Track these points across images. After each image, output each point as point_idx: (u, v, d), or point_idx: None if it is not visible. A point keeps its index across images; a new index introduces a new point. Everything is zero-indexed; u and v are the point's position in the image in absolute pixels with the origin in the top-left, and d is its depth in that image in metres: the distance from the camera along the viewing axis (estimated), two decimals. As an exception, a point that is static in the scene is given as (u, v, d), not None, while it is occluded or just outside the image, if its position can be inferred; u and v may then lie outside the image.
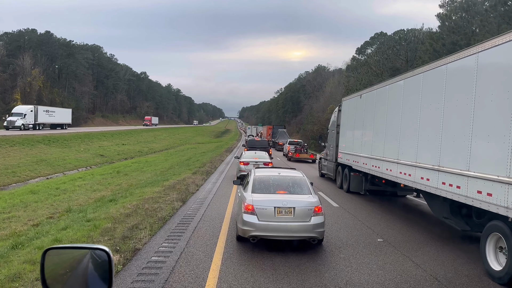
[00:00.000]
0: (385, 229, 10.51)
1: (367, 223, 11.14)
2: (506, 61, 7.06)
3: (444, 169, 8.89)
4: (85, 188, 21.04)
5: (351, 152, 17.04)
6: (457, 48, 29.92)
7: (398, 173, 11.66)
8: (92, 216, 11.32)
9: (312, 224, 7.81)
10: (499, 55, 7.30)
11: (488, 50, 7.63)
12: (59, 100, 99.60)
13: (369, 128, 15.08)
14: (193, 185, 16.67)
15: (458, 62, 8.78)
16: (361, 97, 16.58)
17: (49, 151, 40.87)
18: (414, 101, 10.98)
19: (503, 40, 7.14)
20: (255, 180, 8.89)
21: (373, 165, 14.06)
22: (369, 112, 15.33)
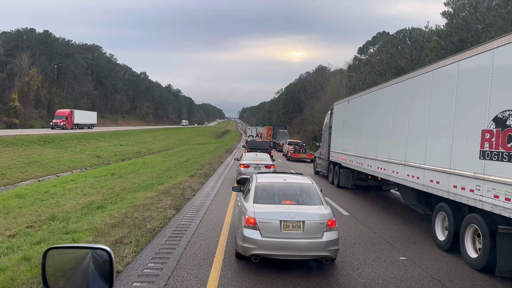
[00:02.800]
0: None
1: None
2: (447, 76, 9.18)
3: (408, 163, 10.94)
4: (75, 192, 19.81)
5: (340, 151, 18.94)
6: (466, 46, 28.70)
7: (376, 168, 13.77)
8: (73, 226, 10.09)
9: (324, 241, 6.57)
10: (444, 73, 9.40)
11: (432, 72, 10.07)
12: (58, 100, 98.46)
13: (355, 130, 17.04)
14: (189, 190, 15.42)
15: (418, 77, 10.88)
16: (348, 102, 18.56)
17: (44, 152, 39.65)
18: (388, 108, 13.12)
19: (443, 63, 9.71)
20: (257, 187, 7.64)
21: (358, 162, 16.08)
22: (355, 115, 17.28)
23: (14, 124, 73.93)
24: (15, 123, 74.43)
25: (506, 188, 6.73)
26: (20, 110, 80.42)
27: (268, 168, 18.20)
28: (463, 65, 8.58)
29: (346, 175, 18.25)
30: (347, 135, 18.25)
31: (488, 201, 7.20)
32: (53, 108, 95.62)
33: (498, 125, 7.10)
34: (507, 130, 6.84)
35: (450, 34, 33.09)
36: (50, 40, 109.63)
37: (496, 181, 6.99)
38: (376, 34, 70.34)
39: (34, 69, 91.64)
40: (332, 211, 7.17)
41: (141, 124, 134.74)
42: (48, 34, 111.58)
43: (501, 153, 6.96)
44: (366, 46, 72.07)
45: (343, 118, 19.25)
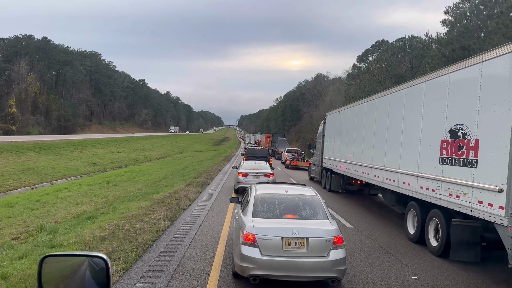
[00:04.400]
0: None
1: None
2: (417, 93, 10.62)
3: (387, 168, 12.36)
4: (68, 200, 19.15)
5: (332, 158, 20.32)
6: (468, 53, 28.29)
7: (362, 173, 15.17)
8: (60, 239, 9.46)
9: (331, 260, 5.97)
10: (414, 91, 10.87)
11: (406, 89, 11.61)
12: (55, 107, 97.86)
13: (344, 139, 18.45)
14: (185, 199, 14.79)
15: (396, 93, 12.27)
16: (339, 113, 19.95)
17: (39, 159, 38.97)
18: (371, 120, 14.69)
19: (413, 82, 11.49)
20: (256, 200, 7.04)
21: (347, 168, 17.36)
22: (344, 125, 18.71)
23: (11, 130, 73.30)
24: (12, 130, 73.79)
25: (457, 187, 8.23)
26: (18, 116, 79.85)
27: (267, 177, 17.59)
28: (428, 85, 10.00)
29: (337, 180, 19.58)
30: (337, 143, 19.74)
31: (445, 198, 8.68)
32: (50, 115, 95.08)
33: (452, 136, 8.57)
34: (458, 140, 8.34)
35: (452, 42, 32.70)
36: (49, 47, 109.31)
37: (450, 182, 8.47)
38: (375, 42, 70.25)
39: (32, 75, 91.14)
40: (339, 226, 6.57)
41: (140, 131, 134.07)
42: (47, 40, 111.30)
43: (454, 159, 8.45)
44: (365, 54, 71.84)
45: (334, 128, 20.71)
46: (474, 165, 7.74)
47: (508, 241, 6.70)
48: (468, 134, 7.98)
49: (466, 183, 7.89)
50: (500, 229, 6.95)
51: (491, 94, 7.42)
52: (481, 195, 7.45)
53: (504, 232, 6.79)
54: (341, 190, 19.47)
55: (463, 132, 8.16)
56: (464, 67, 8.41)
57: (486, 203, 7.29)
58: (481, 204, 7.43)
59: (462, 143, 8.15)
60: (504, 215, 6.77)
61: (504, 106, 6.93)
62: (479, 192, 7.52)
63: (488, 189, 7.24)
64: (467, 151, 7.97)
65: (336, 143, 20.02)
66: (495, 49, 7.51)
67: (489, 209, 7.21)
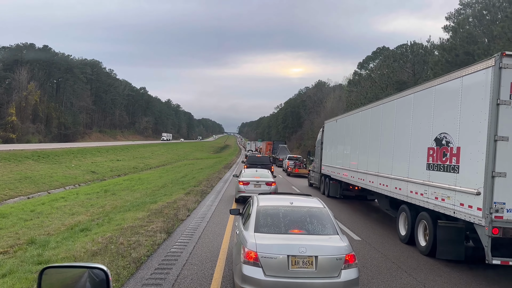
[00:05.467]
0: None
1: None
2: (406, 104, 11.38)
3: (380, 174, 13.04)
4: (63, 211, 18.56)
5: (330, 165, 20.98)
6: (472, 59, 27.81)
7: (358, 179, 15.80)
8: (49, 254, 8.87)
9: (343, 281, 5.36)
10: (403, 102, 11.65)
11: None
12: (56, 115, 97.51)
13: (341, 146, 19.14)
14: (183, 210, 14.18)
15: (388, 103, 13.05)
16: (336, 121, 20.63)
17: (37, 167, 38.41)
18: (365, 128, 15.39)
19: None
20: (258, 212, 6.44)
21: (344, 174, 17.98)
22: (341, 133, 19.37)
23: (11, 139, 72.85)
24: (12, 138, 73.34)
25: (442, 191, 8.91)
26: (18, 125, 79.47)
27: (269, 186, 17.00)
28: (417, 96, 10.70)
29: (335, 186, 20.27)
30: (335, 150, 20.47)
31: (431, 201, 9.33)
32: (51, 123, 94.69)
33: (437, 143, 9.26)
34: (442, 147, 9.04)
35: (455, 48, 32.22)
36: (50, 55, 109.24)
37: (436, 186, 9.13)
38: (376, 49, 69.97)
39: (32, 83, 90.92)
40: (351, 243, 5.97)
41: (140, 139, 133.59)
42: (47, 49, 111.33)
43: (439, 165, 9.13)
44: (366, 61, 71.56)
45: (332, 135, 21.45)
46: (456, 170, 8.43)
47: (485, 239, 7.39)
48: (451, 142, 8.69)
49: (450, 187, 8.58)
50: (478, 228, 7.62)
51: (470, 105, 8.13)
52: (463, 198, 8.12)
53: (482, 231, 7.47)
54: (339, 196, 20.08)
55: (446, 140, 8.88)
56: (447, 81, 9.14)
57: (467, 205, 7.95)
58: (463, 206, 8.10)
59: (446, 151, 8.87)
60: (482, 216, 7.43)
61: (481, 117, 7.64)
62: (461, 195, 8.20)
63: (468, 192, 7.91)
64: (450, 157, 8.68)
65: (333, 150, 20.82)
66: (473, 65, 8.22)
67: (469, 210, 7.87)
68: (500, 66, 7.37)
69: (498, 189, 7.32)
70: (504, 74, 7.37)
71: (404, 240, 10.76)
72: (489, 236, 7.29)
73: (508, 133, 7.33)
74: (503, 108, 7.33)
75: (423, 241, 9.80)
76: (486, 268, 8.61)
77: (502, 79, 7.37)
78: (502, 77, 7.37)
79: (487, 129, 7.43)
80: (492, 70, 7.49)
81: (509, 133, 7.33)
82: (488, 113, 7.43)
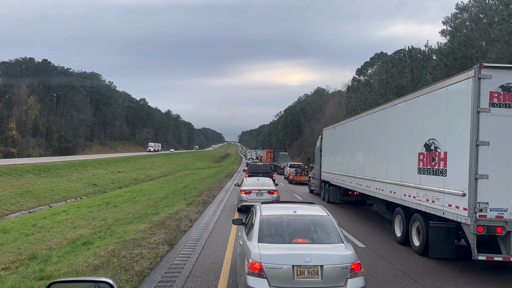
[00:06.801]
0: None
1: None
2: (398, 112, 11.99)
3: (376, 179, 13.53)
4: (65, 224, 18.48)
5: (329, 171, 21.49)
6: (470, 62, 27.88)
7: (356, 184, 16.30)
8: (51, 269, 8.78)
9: (349, 290, 5.28)
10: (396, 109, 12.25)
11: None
12: (56, 129, 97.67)
13: (340, 153, 19.68)
14: (186, 220, 14.09)
15: (381, 111, 13.57)
16: (334, 129, 21.30)
17: (38, 181, 38.37)
18: (361, 135, 15.93)
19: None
20: (262, 222, 6.38)
21: (343, 180, 18.44)
22: (339, 140, 19.99)
23: (11, 153, 72.87)
24: (12, 152, 73.37)
25: (432, 193, 9.45)
26: (18, 139, 79.59)
27: (271, 194, 16.91)
28: (407, 105, 11.30)
29: (334, 191, 20.71)
30: (333, 157, 21.02)
31: (423, 203, 9.85)
32: (51, 137, 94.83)
33: (427, 149, 9.82)
34: (431, 152, 9.58)
35: (453, 51, 32.30)
36: (49, 69, 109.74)
37: (427, 189, 9.67)
38: (374, 55, 70.22)
39: (32, 97, 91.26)
40: (356, 250, 5.89)
41: (141, 150, 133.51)
42: (47, 63, 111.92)
43: (428, 169, 9.69)
44: (365, 67, 71.76)
45: (330, 142, 21.99)
46: (444, 174, 8.97)
47: (471, 237, 7.90)
48: (439, 148, 9.24)
49: (439, 189, 9.11)
50: (465, 227, 8.16)
51: (454, 113, 8.70)
52: (450, 199, 8.63)
53: (468, 230, 7.99)
54: (339, 201, 20.48)
55: (435, 145, 9.43)
56: (434, 90, 9.70)
57: (454, 206, 8.47)
58: (451, 207, 8.62)
59: (434, 155, 9.43)
60: (467, 215, 7.94)
61: (464, 123, 8.19)
62: (448, 197, 8.71)
63: (455, 194, 8.41)
64: (438, 162, 9.23)
65: (332, 157, 21.42)
66: (456, 75, 8.77)
67: (456, 210, 8.39)
68: (479, 77, 7.92)
69: (481, 190, 7.84)
70: (483, 84, 7.91)
71: (400, 241, 11.28)
72: (474, 234, 7.80)
73: (488, 138, 7.85)
74: (483, 115, 7.89)
75: (417, 241, 10.29)
76: (496, 273, 8.53)
77: (481, 88, 7.91)
78: (482, 87, 7.91)
79: (470, 134, 7.96)
80: (472, 81, 8.02)
81: (490, 138, 7.85)
82: (470, 120, 7.97)
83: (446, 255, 9.24)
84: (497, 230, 7.70)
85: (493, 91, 7.87)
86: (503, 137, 7.86)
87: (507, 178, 7.82)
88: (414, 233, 10.45)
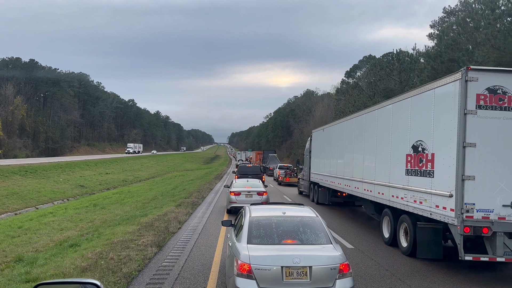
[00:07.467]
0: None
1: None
2: (386, 114, 12.05)
3: (365, 180, 13.58)
4: (52, 226, 18.25)
5: (318, 172, 21.51)
6: (457, 65, 28.24)
7: (344, 186, 16.39)
8: (37, 271, 8.66)
9: (337, 291, 5.30)
10: (384, 111, 12.32)
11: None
12: (43, 129, 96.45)
13: (329, 154, 19.68)
14: (175, 222, 14.02)
15: (370, 113, 13.68)
16: (323, 130, 21.37)
17: (24, 182, 37.83)
18: (350, 136, 16.00)
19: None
20: (251, 223, 6.38)
21: (331, 181, 18.55)
22: (328, 142, 19.99)
23: (-3, 154, 71.71)
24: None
25: (419, 194, 9.52)
26: (4, 140, 78.35)
27: (260, 195, 16.92)
28: (395, 106, 11.39)
29: (323, 193, 20.81)
30: (322, 158, 21.05)
31: (411, 204, 9.92)
32: (38, 138, 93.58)
33: (414, 150, 9.93)
34: (419, 154, 9.69)
35: (440, 55, 32.68)
36: (36, 69, 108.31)
37: (415, 190, 9.75)
38: (362, 58, 70.77)
39: (19, 98, 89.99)
40: (344, 252, 5.92)
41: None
42: (34, 63, 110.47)
43: (416, 170, 9.77)
44: (353, 69, 72.26)
45: (320, 144, 22.06)
46: (431, 175, 9.07)
47: (457, 238, 7.99)
48: (427, 149, 9.34)
49: (426, 190, 9.19)
50: (452, 228, 8.25)
51: (441, 114, 8.79)
52: (438, 200, 8.72)
53: (455, 230, 8.07)
54: (328, 202, 20.60)
55: (422, 147, 9.53)
56: (422, 92, 9.79)
57: (442, 207, 8.55)
58: (438, 208, 8.69)
59: (422, 157, 9.52)
60: (454, 216, 8.02)
61: (451, 125, 8.27)
62: (436, 198, 8.80)
63: (442, 195, 8.51)
64: (426, 163, 9.33)
65: (321, 158, 21.46)
66: (444, 78, 8.86)
67: (443, 211, 8.47)
68: (466, 79, 8.01)
69: (468, 191, 7.93)
70: (470, 87, 8.00)
71: (388, 242, 11.34)
72: (461, 234, 7.88)
73: (475, 139, 7.94)
74: (470, 117, 7.99)
75: (404, 242, 10.36)
76: (479, 271, 8.65)
77: (468, 91, 8.00)
78: (468, 89, 8.00)
79: (457, 136, 8.04)
80: (459, 83, 8.10)
81: (476, 140, 7.94)
82: (457, 122, 8.06)
83: (434, 255, 9.30)
84: (484, 230, 7.79)
85: (480, 94, 7.96)
86: (489, 139, 7.95)
87: (493, 179, 7.92)
88: (402, 234, 10.53)
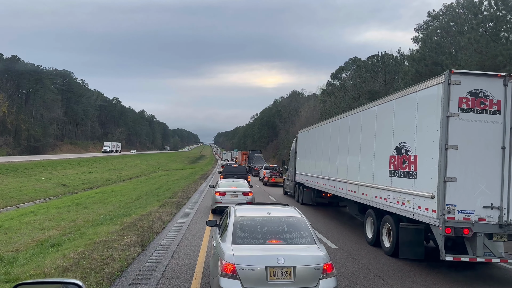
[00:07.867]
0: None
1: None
2: (371, 115, 12.21)
3: (349, 181, 13.72)
4: (33, 225, 17.89)
5: (303, 173, 21.65)
6: (440, 68, 28.71)
7: (329, 186, 16.53)
8: (18, 271, 8.50)
9: (321, 291, 5.33)
10: (369, 113, 12.43)
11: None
12: (25, 127, 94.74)
13: (314, 155, 19.85)
14: (159, 222, 13.91)
15: (355, 115, 13.90)
16: (309, 131, 21.46)
17: (5, 181, 37.06)
18: (335, 138, 16.19)
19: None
20: (236, 223, 6.37)
21: (316, 182, 18.71)
22: (313, 143, 20.15)
23: (-24, 152, 70.18)
24: (-23, 151, 70.69)
25: (402, 195, 9.67)
26: (-16, 137, 76.75)
27: (246, 196, 16.92)
28: (379, 108, 11.53)
29: (308, 193, 21.08)
30: (308, 159, 21.20)
31: (394, 205, 10.06)
32: (20, 135, 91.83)
33: (398, 152, 10.06)
34: (402, 156, 9.83)
35: (424, 58, 33.15)
36: (18, 65, 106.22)
37: (398, 191, 9.88)
38: (348, 60, 71.43)
39: (0, 95, 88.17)
40: (328, 252, 5.96)
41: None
42: (16, 59, 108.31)
43: (399, 172, 9.91)
44: (339, 71, 72.86)
45: (305, 145, 22.18)
46: (414, 176, 9.21)
47: (439, 238, 8.15)
48: (410, 151, 9.49)
49: (409, 191, 9.33)
50: (434, 229, 8.39)
51: (424, 117, 8.93)
52: (420, 201, 8.86)
53: (437, 231, 8.23)
54: (312, 203, 20.87)
55: (405, 149, 9.68)
56: (406, 95, 9.93)
57: (424, 208, 8.68)
58: (420, 209, 8.83)
59: (405, 158, 9.65)
60: (436, 217, 8.17)
61: (434, 127, 8.41)
62: (418, 199, 8.94)
63: (424, 196, 8.65)
64: (409, 165, 9.47)
65: (306, 159, 21.61)
66: (427, 81, 8.99)
67: (426, 212, 8.61)
68: (449, 83, 8.13)
69: (450, 192, 8.06)
70: (453, 90, 8.13)
71: (371, 242, 11.50)
72: (442, 235, 8.02)
73: (457, 142, 8.09)
74: (452, 120, 8.12)
75: (387, 243, 10.51)
76: (460, 271, 8.81)
77: (451, 94, 8.13)
78: (451, 92, 8.13)
79: (439, 138, 8.18)
80: (442, 86, 8.25)
81: (458, 142, 8.10)
82: (439, 124, 8.19)
83: (416, 256, 9.42)
84: (464, 231, 7.94)
85: (462, 97, 8.11)
86: (470, 141, 8.11)
87: (474, 180, 8.08)
88: (385, 234, 10.68)
